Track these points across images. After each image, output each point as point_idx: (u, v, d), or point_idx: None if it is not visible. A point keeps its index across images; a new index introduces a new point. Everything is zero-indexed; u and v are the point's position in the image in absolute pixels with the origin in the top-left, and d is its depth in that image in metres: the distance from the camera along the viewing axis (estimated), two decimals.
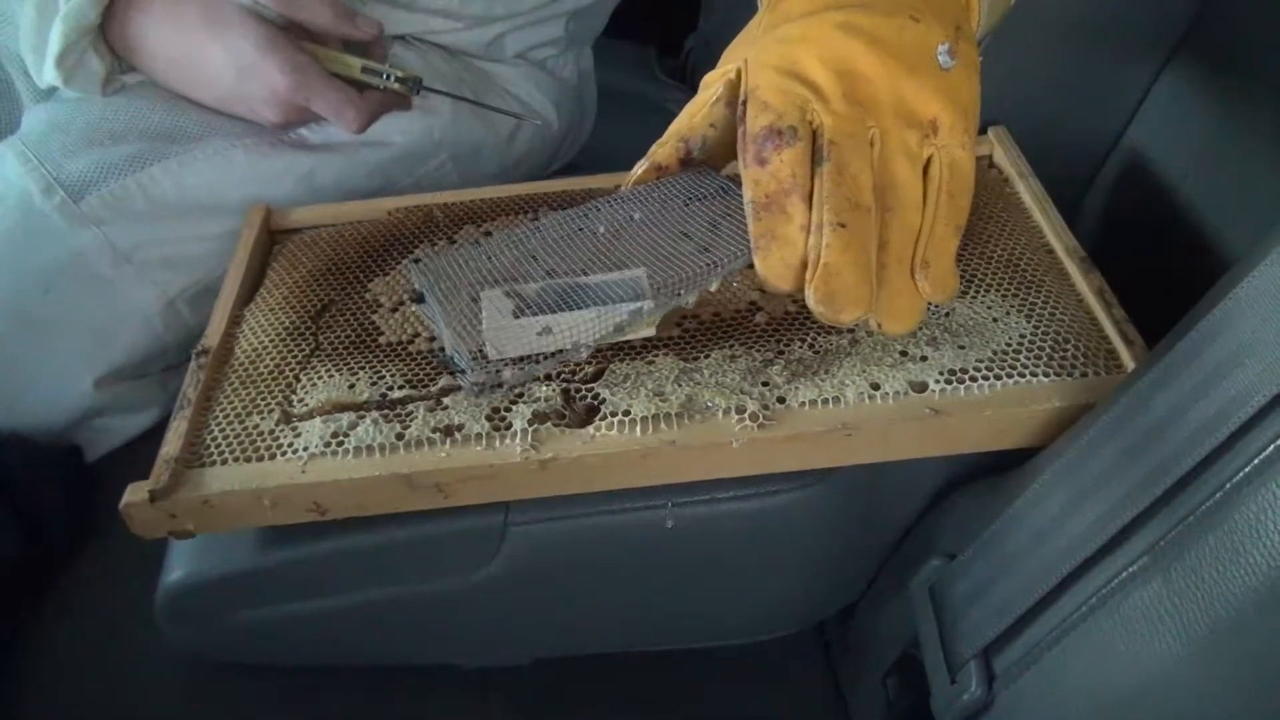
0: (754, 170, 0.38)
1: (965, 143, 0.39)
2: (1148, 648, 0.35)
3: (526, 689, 0.63)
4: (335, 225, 0.61)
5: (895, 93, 0.38)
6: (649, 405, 0.46)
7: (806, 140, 0.38)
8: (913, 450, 0.47)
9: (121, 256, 0.62)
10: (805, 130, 0.38)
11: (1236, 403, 0.34)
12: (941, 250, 0.39)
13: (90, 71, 0.63)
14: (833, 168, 0.37)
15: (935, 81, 0.39)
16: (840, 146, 0.37)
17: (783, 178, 0.37)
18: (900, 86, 0.38)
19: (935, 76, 0.39)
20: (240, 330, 0.54)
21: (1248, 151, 0.53)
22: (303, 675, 0.61)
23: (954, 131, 0.39)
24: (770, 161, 0.38)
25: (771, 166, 0.38)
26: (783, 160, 0.37)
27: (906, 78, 0.38)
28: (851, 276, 0.36)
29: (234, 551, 0.53)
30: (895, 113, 0.38)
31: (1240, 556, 0.32)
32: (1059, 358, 0.47)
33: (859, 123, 0.38)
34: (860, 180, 0.37)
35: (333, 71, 0.64)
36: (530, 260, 0.55)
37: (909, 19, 0.38)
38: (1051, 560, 0.40)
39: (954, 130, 0.39)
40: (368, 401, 0.48)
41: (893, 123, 0.38)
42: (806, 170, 0.38)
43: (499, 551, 0.53)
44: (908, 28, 0.38)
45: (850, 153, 0.37)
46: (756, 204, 0.38)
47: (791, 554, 0.56)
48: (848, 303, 0.37)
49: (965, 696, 0.43)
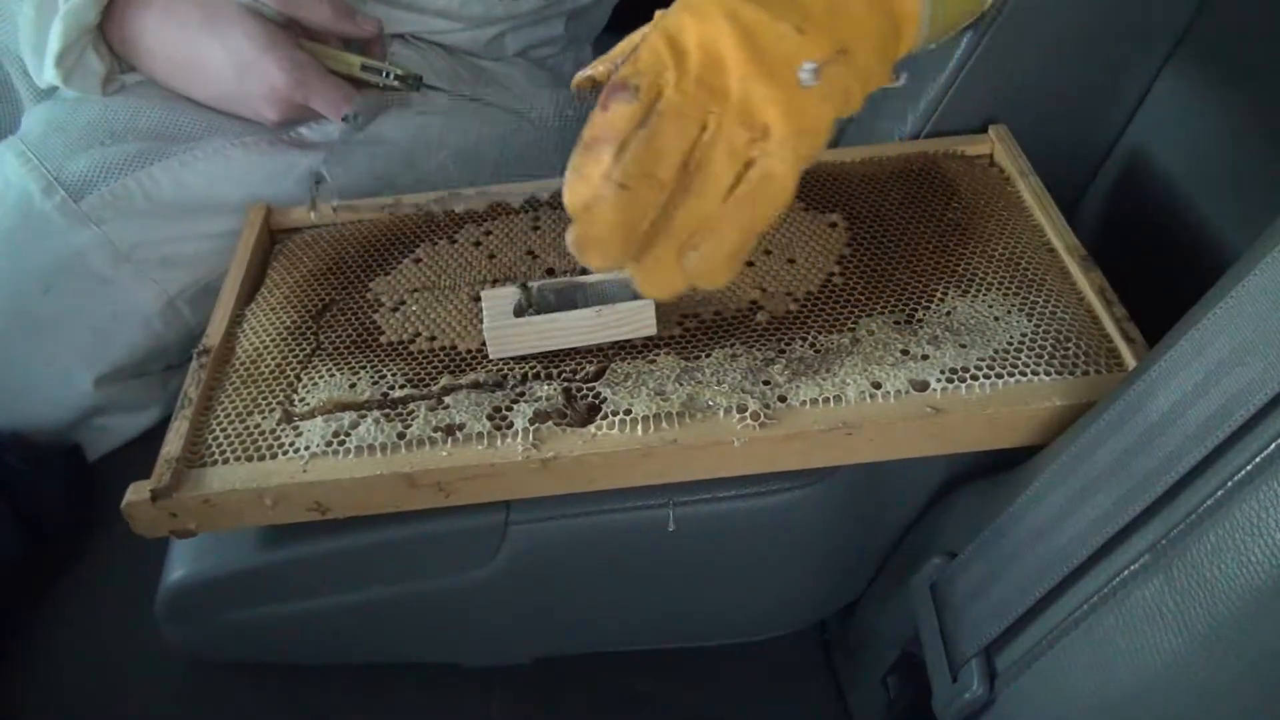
0: (597, 111, 0.40)
1: (788, 159, 0.40)
2: (1149, 646, 0.35)
3: (528, 688, 0.63)
4: (336, 224, 0.61)
5: (743, 90, 0.39)
6: (650, 404, 0.46)
7: (645, 105, 0.40)
8: (914, 449, 0.47)
9: (121, 256, 0.62)
10: (649, 96, 0.40)
11: (1238, 401, 0.34)
12: (717, 242, 0.40)
13: (90, 71, 0.63)
14: (646, 135, 0.39)
15: (785, 94, 0.39)
16: (663, 119, 0.39)
17: (609, 127, 0.39)
18: (750, 87, 0.39)
19: (787, 90, 0.39)
20: (241, 330, 0.54)
21: (1249, 149, 0.53)
22: (304, 675, 0.61)
23: (782, 145, 0.40)
24: (610, 109, 0.40)
25: (609, 114, 0.39)
26: (617, 113, 0.39)
27: (758, 81, 0.39)
28: (608, 233, 0.39)
29: (235, 551, 0.53)
30: (736, 108, 0.40)
31: (1241, 554, 0.32)
32: (1060, 356, 0.47)
33: (698, 105, 0.39)
34: (665, 156, 0.39)
35: (332, 69, 0.64)
36: (530, 259, 0.55)
37: (793, 29, 0.40)
38: (1053, 558, 0.40)
39: (783, 144, 0.40)
40: (369, 401, 0.48)
41: (729, 116, 0.40)
42: (629, 129, 0.39)
43: (500, 550, 0.53)
44: (786, 37, 0.40)
45: (669, 128, 0.39)
46: (582, 140, 0.40)
47: (792, 553, 0.56)
48: (595, 254, 0.39)
49: (967, 695, 0.43)
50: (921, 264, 0.53)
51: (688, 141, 0.39)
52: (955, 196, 0.57)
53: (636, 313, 0.48)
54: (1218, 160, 0.55)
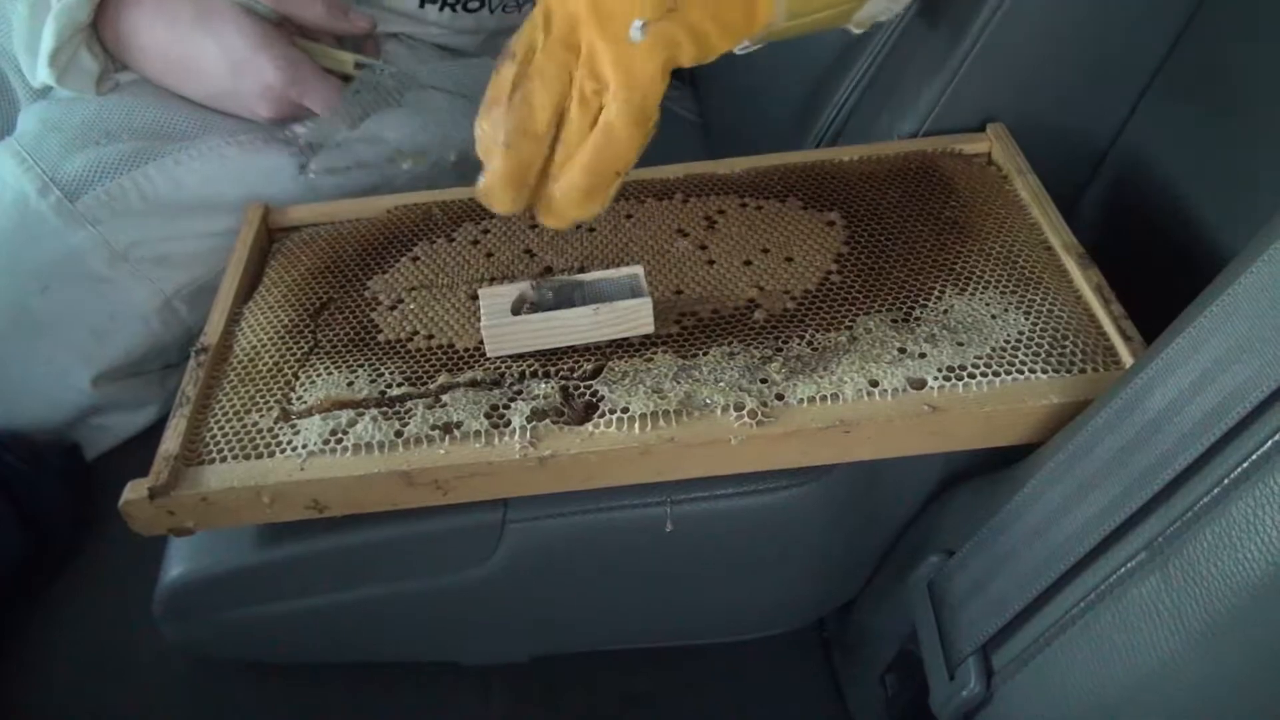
0: (494, 73, 0.45)
1: (622, 111, 0.43)
2: (1146, 643, 0.35)
3: (526, 686, 0.63)
4: (333, 223, 0.60)
5: (590, 47, 0.43)
6: (647, 402, 0.46)
7: (520, 66, 0.44)
8: (911, 447, 0.47)
9: (118, 255, 0.62)
10: (524, 56, 0.44)
11: (1234, 398, 0.34)
12: (570, 180, 0.45)
13: (83, 70, 0.63)
14: (520, 96, 0.44)
15: (617, 49, 0.43)
16: (530, 79, 0.44)
17: (498, 87, 0.45)
18: (592, 43, 0.43)
19: (619, 44, 0.43)
20: (239, 328, 0.54)
21: (1246, 147, 0.53)
22: (302, 672, 0.61)
23: (615, 97, 0.43)
24: (499, 71, 0.45)
25: (497, 75, 0.45)
26: (501, 74, 0.45)
27: (599, 37, 0.43)
28: (500, 184, 0.45)
29: (233, 549, 0.53)
30: (584, 63, 0.44)
31: (1238, 551, 0.32)
32: (1057, 354, 0.47)
33: (560, 64, 0.44)
34: (537, 113, 0.44)
35: (326, 68, 0.64)
36: (527, 257, 0.55)
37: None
38: (1050, 556, 0.40)
39: (616, 96, 0.43)
40: (366, 399, 0.48)
41: (583, 70, 0.44)
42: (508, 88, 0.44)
43: (498, 548, 0.53)
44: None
45: (537, 85, 0.44)
46: (484, 101, 0.45)
47: (790, 551, 0.56)
48: (496, 202, 0.46)
49: (964, 692, 0.43)
50: (919, 262, 0.53)
51: (556, 97, 0.44)
52: (953, 195, 0.57)
53: (634, 311, 0.48)
54: (1215, 159, 0.55)
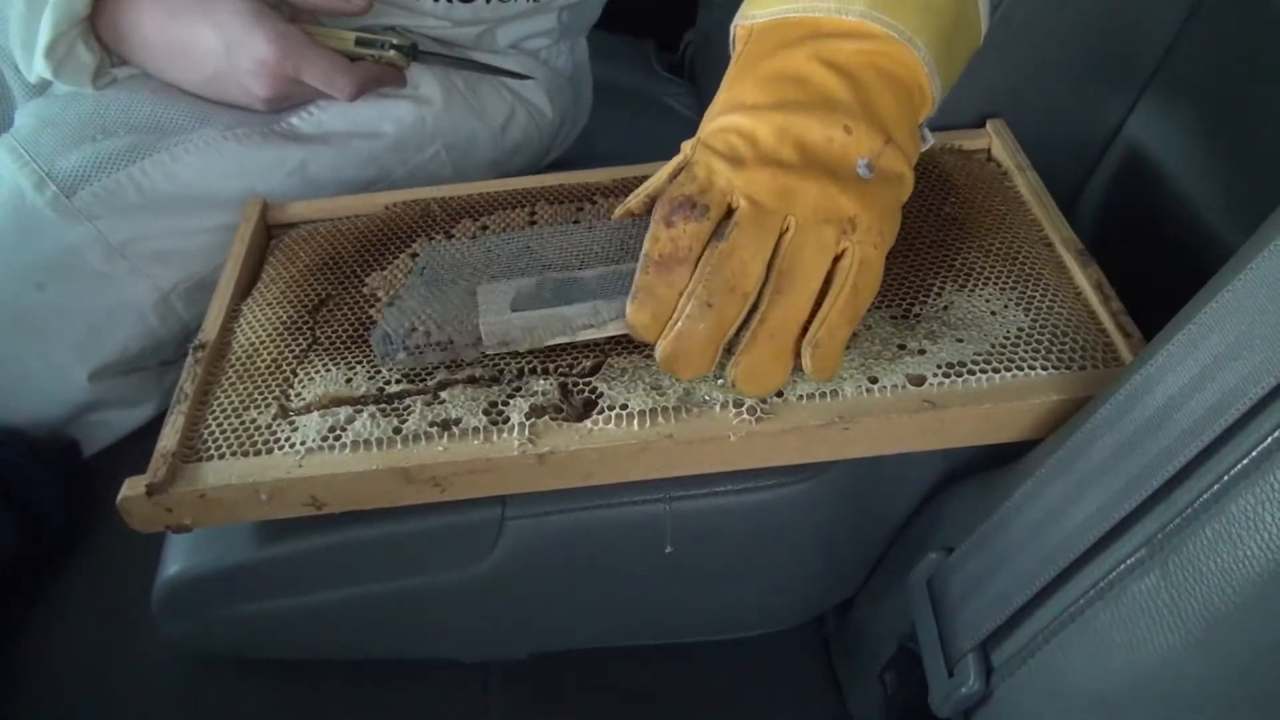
0: (660, 228, 0.42)
1: (878, 243, 0.43)
2: (1145, 640, 0.35)
3: (525, 683, 0.63)
4: (332, 219, 0.60)
5: (819, 191, 0.42)
6: (646, 399, 0.46)
7: (714, 221, 0.42)
8: (910, 443, 0.47)
9: (115, 251, 0.62)
10: (718, 212, 0.42)
11: (1234, 395, 0.34)
12: (833, 336, 0.43)
13: (80, 64, 0.63)
14: (726, 248, 0.41)
15: (857, 187, 0.43)
16: (741, 230, 0.42)
17: (680, 245, 0.42)
18: (824, 187, 0.42)
19: (856, 183, 0.43)
20: (237, 324, 0.54)
21: (1245, 144, 0.53)
22: (300, 670, 0.61)
23: (870, 232, 0.43)
24: (676, 226, 0.42)
25: (675, 231, 0.42)
26: (685, 230, 0.42)
27: (829, 181, 0.42)
28: (697, 347, 0.42)
29: (231, 546, 0.53)
30: (816, 208, 0.42)
31: (1238, 548, 0.32)
32: (1057, 351, 0.47)
33: (773, 213, 0.42)
34: (748, 267, 0.42)
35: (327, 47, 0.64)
36: (526, 254, 0.55)
37: (841, 130, 0.43)
38: (1049, 553, 0.40)
39: (870, 231, 0.43)
40: (365, 395, 0.48)
41: (811, 216, 0.42)
42: (702, 246, 0.42)
43: (496, 546, 0.53)
44: (836, 139, 0.43)
45: (748, 239, 0.42)
46: (649, 259, 0.42)
47: (789, 548, 0.56)
48: (687, 366, 0.42)
49: (963, 690, 0.43)
50: (919, 258, 0.53)
51: (768, 250, 0.42)
52: (953, 191, 0.57)
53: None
54: (1215, 155, 0.55)
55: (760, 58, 0.46)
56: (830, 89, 0.44)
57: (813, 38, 0.45)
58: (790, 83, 0.44)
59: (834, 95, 0.43)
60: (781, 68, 0.45)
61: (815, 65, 0.44)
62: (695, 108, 0.96)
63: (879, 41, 0.44)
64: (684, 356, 0.42)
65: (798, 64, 0.44)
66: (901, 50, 0.44)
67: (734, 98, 0.45)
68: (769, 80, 0.45)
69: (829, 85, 0.44)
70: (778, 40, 0.45)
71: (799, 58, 0.44)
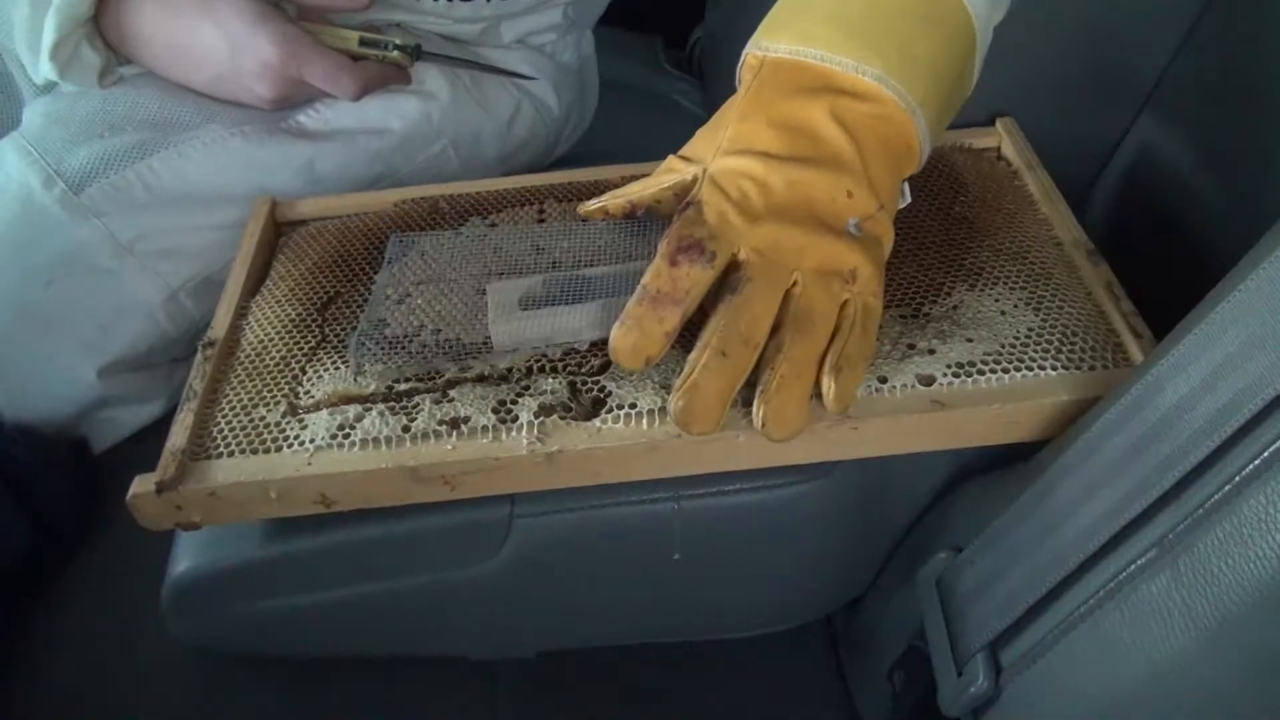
0: (663, 264, 0.43)
1: (876, 291, 0.45)
2: (1156, 640, 0.35)
3: (533, 681, 0.63)
4: (341, 216, 0.60)
5: (826, 247, 0.44)
6: (655, 398, 0.46)
7: (718, 271, 0.43)
8: (920, 443, 0.46)
9: (123, 248, 0.62)
10: (723, 261, 0.43)
11: (1246, 395, 0.34)
12: (853, 366, 0.43)
13: (86, 64, 0.63)
14: (740, 301, 0.42)
15: (858, 245, 0.44)
16: (754, 284, 0.42)
17: (679, 287, 0.42)
18: (830, 244, 0.44)
19: (853, 241, 0.44)
20: (246, 322, 0.54)
21: (1257, 142, 0.52)
22: (309, 667, 0.61)
23: (870, 281, 0.44)
24: (680, 266, 0.42)
25: (678, 271, 0.42)
26: (688, 274, 0.42)
27: (834, 238, 0.44)
28: (712, 399, 0.42)
29: (240, 544, 0.53)
30: (823, 262, 0.44)
31: (1249, 549, 0.32)
32: (1067, 351, 0.47)
33: (783, 268, 0.43)
34: (760, 320, 0.42)
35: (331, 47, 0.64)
36: (535, 253, 0.55)
37: (844, 193, 0.44)
38: (1059, 553, 0.40)
39: (870, 280, 0.44)
40: (374, 394, 0.48)
41: (818, 269, 0.44)
42: (701, 294, 0.43)
43: (505, 544, 0.53)
44: (839, 200, 0.44)
45: (761, 292, 0.42)
46: (646, 290, 0.42)
47: (798, 547, 0.56)
48: (700, 420, 0.42)
49: (972, 689, 0.43)
50: (928, 258, 0.53)
51: (777, 304, 0.43)
52: (962, 190, 0.57)
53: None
54: (1225, 155, 0.55)
55: (775, 99, 0.46)
56: (840, 150, 0.45)
57: (828, 90, 0.45)
58: (806, 137, 0.45)
59: (843, 157, 0.45)
60: (797, 118, 0.45)
61: (830, 123, 0.45)
62: (702, 104, 0.95)
63: (887, 107, 0.45)
64: (699, 411, 0.42)
65: (813, 118, 0.45)
66: (904, 119, 0.46)
67: (746, 137, 0.46)
68: (784, 128, 0.45)
69: (839, 146, 0.45)
70: (792, 84, 0.46)
71: (815, 111, 0.45)
